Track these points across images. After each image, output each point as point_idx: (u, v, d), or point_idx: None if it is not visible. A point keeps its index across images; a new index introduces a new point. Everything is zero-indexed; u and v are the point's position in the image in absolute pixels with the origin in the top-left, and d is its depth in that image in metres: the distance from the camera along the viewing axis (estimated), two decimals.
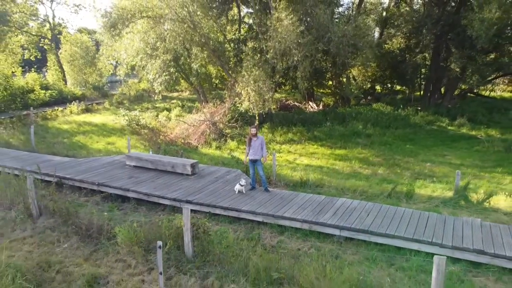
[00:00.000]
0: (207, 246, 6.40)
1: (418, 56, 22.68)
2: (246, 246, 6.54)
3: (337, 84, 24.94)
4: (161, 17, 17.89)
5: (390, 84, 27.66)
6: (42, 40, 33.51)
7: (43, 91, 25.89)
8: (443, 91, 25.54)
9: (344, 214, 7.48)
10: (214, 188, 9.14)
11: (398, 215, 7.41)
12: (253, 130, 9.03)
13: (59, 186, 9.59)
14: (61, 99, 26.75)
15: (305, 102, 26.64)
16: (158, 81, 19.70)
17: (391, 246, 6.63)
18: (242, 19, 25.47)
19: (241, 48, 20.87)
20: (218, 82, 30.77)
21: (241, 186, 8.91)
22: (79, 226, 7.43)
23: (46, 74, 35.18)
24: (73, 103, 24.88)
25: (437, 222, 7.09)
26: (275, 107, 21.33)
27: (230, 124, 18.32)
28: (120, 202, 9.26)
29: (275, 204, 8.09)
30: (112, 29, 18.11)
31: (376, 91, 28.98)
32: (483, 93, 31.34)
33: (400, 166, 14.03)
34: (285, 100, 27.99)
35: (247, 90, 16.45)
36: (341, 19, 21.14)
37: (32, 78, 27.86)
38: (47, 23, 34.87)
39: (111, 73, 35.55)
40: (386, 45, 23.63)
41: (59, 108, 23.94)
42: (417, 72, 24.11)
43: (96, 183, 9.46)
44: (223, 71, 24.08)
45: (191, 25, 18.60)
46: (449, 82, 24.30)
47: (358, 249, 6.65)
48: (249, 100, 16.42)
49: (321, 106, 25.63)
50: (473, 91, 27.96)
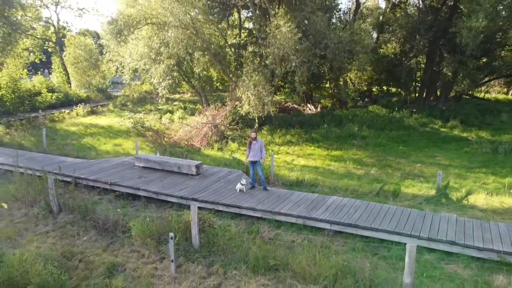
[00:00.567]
0: (212, 238, 7.23)
1: (412, 61, 23.49)
2: (246, 238, 7.37)
3: (335, 87, 25.75)
4: (165, 24, 18.70)
5: (386, 87, 28.46)
6: (47, 42, 34.29)
7: (49, 93, 26.70)
8: (438, 93, 26.35)
9: (334, 210, 8.30)
10: (217, 187, 9.97)
11: (383, 211, 8.24)
12: (253, 134, 9.87)
13: (75, 185, 10.42)
14: (67, 102, 27.60)
15: (303, 104, 27.44)
16: (162, 85, 20.51)
17: (375, 238, 7.46)
18: (242, 24, 26.28)
19: (241, 53, 21.71)
20: (219, 84, 31.66)
21: (242, 185, 9.74)
22: (96, 221, 8.27)
23: (51, 76, 36.04)
24: (79, 105, 25.70)
25: (417, 217, 7.92)
26: (274, 109, 22.16)
27: (231, 127, 19.12)
28: (131, 200, 10.10)
29: (273, 202, 8.92)
30: (118, 35, 18.93)
31: (373, 93, 29.82)
32: (478, 95, 32.14)
33: (391, 167, 14.83)
34: (284, 103, 28.81)
35: (247, 94, 17.26)
36: (338, 26, 21.98)
37: (39, 81, 28.72)
38: (51, 26, 35.68)
39: (114, 75, 36.54)
40: (382, 50, 24.44)
41: (66, 111, 24.77)
42: (412, 76, 24.91)
43: (108, 183, 10.29)
44: (224, 74, 24.91)
45: (194, 31, 19.41)
46: (443, 85, 25.12)
47: (346, 241, 7.49)
48: (249, 104, 17.24)
49: (319, 108, 26.43)
50: (468, 93, 28.74)
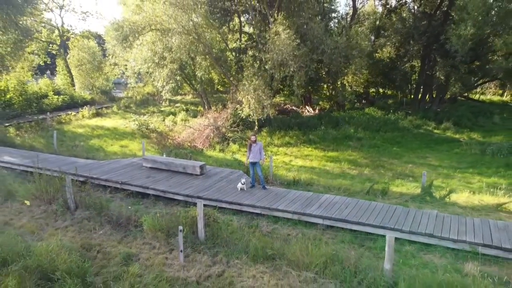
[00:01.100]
0: (216, 231, 8.06)
1: (407, 65, 24.32)
2: (247, 232, 8.20)
3: (332, 89, 26.59)
4: (169, 30, 19.53)
5: (382, 89, 29.27)
6: (51, 45, 35.06)
7: (56, 96, 27.51)
8: (434, 95, 27.16)
9: (327, 207, 9.13)
10: (220, 186, 10.80)
11: (371, 208, 9.07)
12: (253, 138, 10.71)
13: (86, 184, 11.24)
14: (72, 104, 28.37)
15: (302, 106, 28.28)
16: (166, 88, 21.38)
17: (363, 232, 8.28)
18: (243, 28, 27.11)
19: (241, 57, 22.55)
20: (220, 86, 32.52)
21: (243, 184, 10.57)
22: (110, 216, 9.10)
23: (54, 78, 36.85)
24: (84, 107, 26.52)
25: (401, 213, 8.75)
26: (273, 111, 23.00)
27: (232, 129, 19.97)
28: (140, 198, 10.92)
29: (271, 199, 9.75)
30: (124, 41, 19.76)
31: (370, 94, 30.62)
32: (473, 96, 32.91)
33: (384, 167, 15.68)
34: (283, 104, 29.63)
35: (248, 98, 18.11)
36: (334, 31, 22.82)
37: (45, 84, 29.54)
38: (56, 29, 36.49)
39: (116, 77, 37.40)
40: (378, 54, 25.27)
41: (72, 113, 25.58)
42: (406, 79, 25.73)
43: (119, 182, 11.12)
44: (224, 77, 25.77)
45: (196, 36, 20.28)
46: (437, 87, 25.94)
47: (336, 234, 8.32)
48: (249, 107, 18.09)
49: (317, 110, 27.27)
50: (463, 95, 29.49)
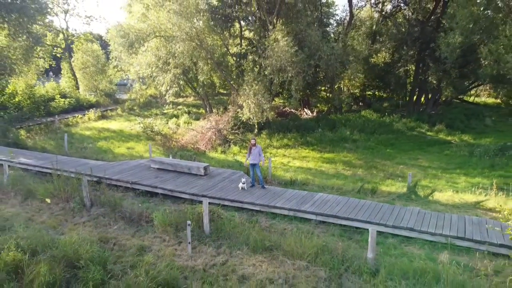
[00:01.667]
0: (220, 226, 9.00)
1: (401, 69, 25.27)
2: (247, 226, 9.12)
3: (330, 93, 27.53)
4: (173, 38, 20.48)
5: (378, 93, 30.21)
6: (55, 48, 35.95)
7: (62, 99, 28.46)
8: (429, 98, 28.05)
9: (320, 205, 10.07)
10: (222, 186, 11.73)
11: (359, 205, 10.01)
12: (253, 141, 11.66)
13: (99, 184, 12.17)
14: (78, 106, 29.35)
15: (300, 108, 29.20)
16: (169, 92, 22.35)
17: (352, 226, 9.21)
18: (243, 34, 28.04)
19: (242, 62, 23.49)
20: (221, 89, 33.49)
21: (243, 184, 11.50)
22: (123, 213, 10.04)
23: (60, 81, 37.80)
24: (90, 110, 27.47)
25: (387, 210, 9.68)
26: (273, 114, 23.92)
27: (233, 131, 20.89)
28: (149, 197, 11.86)
29: (269, 197, 10.69)
30: (130, 47, 20.72)
31: (367, 97, 31.54)
32: (468, 99, 33.78)
33: (377, 168, 16.58)
34: (282, 107, 30.54)
35: (248, 102, 19.05)
36: (331, 38, 23.77)
37: (51, 87, 30.52)
38: (60, 33, 37.42)
39: (119, 79, 38.40)
40: (373, 59, 26.22)
41: (79, 115, 26.53)
42: (400, 83, 26.67)
43: (130, 182, 12.06)
44: (225, 80, 26.73)
45: (198, 42, 21.24)
46: (431, 91, 26.86)
47: (327, 228, 9.26)
48: (249, 111, 19.02)
49: (315, 113, 28.18)
50: (458, 97, 30.35)
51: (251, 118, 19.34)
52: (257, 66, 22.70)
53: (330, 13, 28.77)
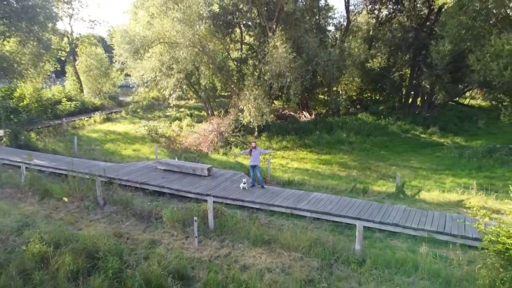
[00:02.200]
0: (223, 222, 9.91)
1: (395, 74, 26.18)
2: (248, 222, 10.04)
3: (327, 96, 28.45)
4: (177, 44, 21.40)
5: (374, 96, 31.12)
6: (60, 52, 36.82)
7: (68, 102, 29.35)
8: (425, 100, 28.89)
9: (314, 203, 10.98)
10: (225, 186, 12.65)
11: (351, 203, 10.92)
12: (253, 144, 12.60)
13: (110, 184, 13.08)
14: (83, 109, 30.25)
15: (299, 111, 30.12)
16: (173, 96, 23.27)
17: (343, 223, 10.12)
18: (243, 39, 28.96)
19: (242, 67, 24.43)
20: (222, 91, 34.41)
21: (244, 184, 12.41)
22: (135, 210, 10.95)
23: (64, 83, 38.73)
24: (96, 113, 28.37)
25: (375, 208, 10.59)
26: (272, 117, 24.83)
27: (234, 134, 21.81)
28: (157, 196, 12.77)
29: (268, 197, 11.60)
30: (135, 54, 21.64)
31: (364, 99, 32.40)
32: (464, 101, 34.59)
33: (371, 169, 17.50)
34: (281, 109, 31.46)
35: (248, 106, 19.97)
36: (329, 43, 24.68)
37: (57, 90, 31.44)
38: (65, 37, 38.33)
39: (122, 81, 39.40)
40: (369, 64, 27.14)
41: (85, 118, 27.42)
42: (396, 87, 27.57)
43: (139, 182, 12.97)
44: (226, 84, 27.67)
45: (200, 48, 22.16)
46: (426, 94, 27.76)
47: (321, 224, 10.17)
48: (250, 115, 19.94)
49: (313, 115, 29.08)
50: (453, 100, 31.13)
51: (252, 122, 20.25)
52: (257, 71, 23.62)
53: (329, 16, 29.61)
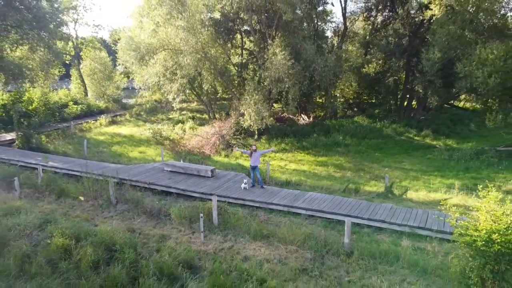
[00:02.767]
0: (226, 219, 10.92)
1: (390, 79, 27.22)
2: (249, 219, 11.06)
3: (325, 100, 29.48)
4: (180, 51, 22.42)
5: (370, 99, 32.16)
6: (65, 56, 37.76)
7: (75, 105, 30.38)
8: (419, 103, 29.82)
9: (309, 202, 12.00)
10: (227, 186, 13.67)
11: (342, 202, 11.93)
12: (253, 147, 13.63)
13: (122, 184, 14.09)
14: (89, 112, 31.27)
15: (298, 114, 31.13)
16: (177, 100, 24.32)
17: (335, 219, 11.14)
18: (244, 45, 29.97)
19: (242, 73, 25.44)
20: (223, 94, 35.47)
21: (245, 184, 13.43)
22: (145, 208, 11.97)
23: (70, 86, 39.79)
24: (101, 116, 29.39)
25: (365, 206, 11.61)
26: (271, 120, 25.82)
27: (235, 136, 22.83)
28: (164, 196, 13.78)
29: (267, 196, 12.63)
30: (141, 60, 22.67)
31: (361, 102, 33.39)
32: (458, 104, 35.52)
33: (364, 170, 18.48)
34: (281, 113, 32.46)
35: (249, 111, 20.99)
36: (325, 50, 25.71)
37: (64, 94, 32.48)
38: (70, 41, 39.36)
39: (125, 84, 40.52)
40: (364, 69, 28.19)
41: (91, 121, 28.44)
42: (390, 92, 28.59)
43: (147, 183, 13.99)
44: (227, 88, 28.70)
45: (203, 54, 23.19)
46: (420, 98, 28.75)
47: (315, 220, 11.19)
48: (250, 119, 20.96)
49: (311, 118, 30.08)
50: (448, 103, 32.02)
51: (252, 125, 21.27)
52: (257, 76, 24.63)
53: (328, 20, 30.58)
